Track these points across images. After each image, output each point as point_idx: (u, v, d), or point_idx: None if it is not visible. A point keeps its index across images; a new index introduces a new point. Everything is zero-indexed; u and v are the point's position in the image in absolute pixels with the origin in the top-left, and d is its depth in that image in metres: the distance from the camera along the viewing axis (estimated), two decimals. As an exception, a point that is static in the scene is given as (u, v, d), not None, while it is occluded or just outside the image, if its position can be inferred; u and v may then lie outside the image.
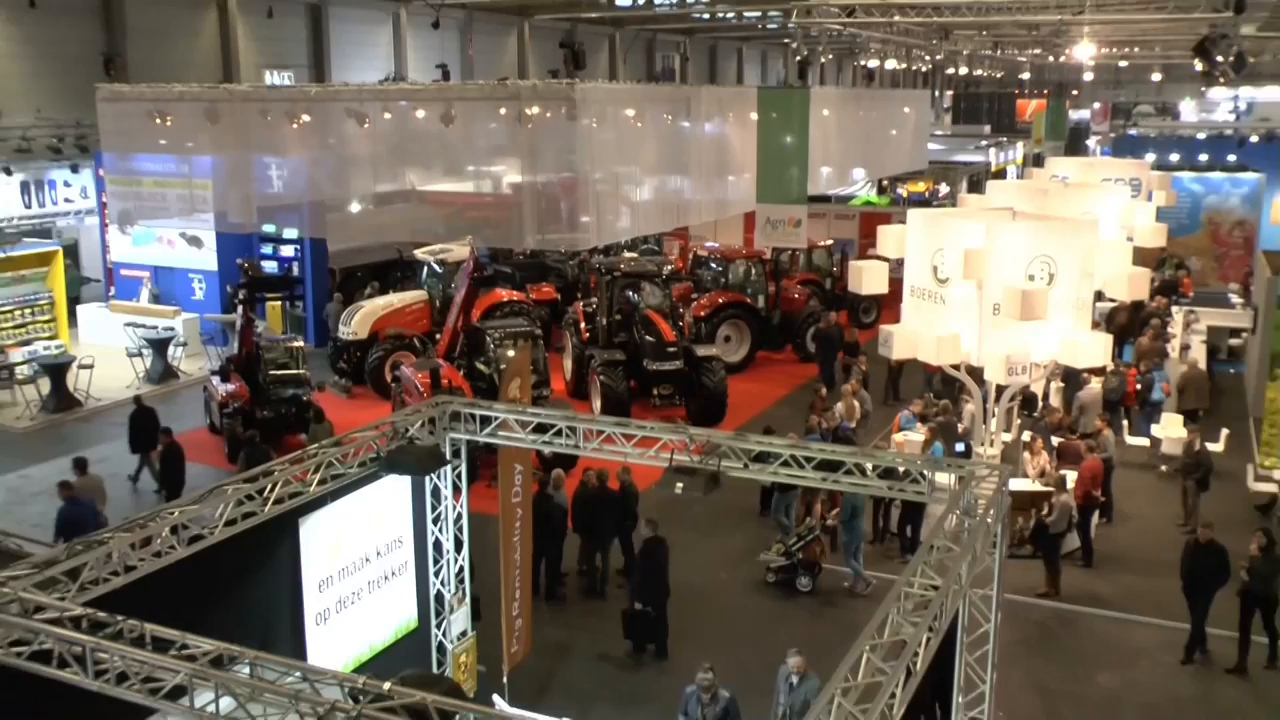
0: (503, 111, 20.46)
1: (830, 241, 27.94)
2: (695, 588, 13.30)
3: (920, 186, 39.35)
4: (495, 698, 10.30)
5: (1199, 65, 22.84)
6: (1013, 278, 12.87)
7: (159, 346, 21.64)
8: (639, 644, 11.79)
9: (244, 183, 23.19)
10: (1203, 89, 60.60)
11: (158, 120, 23.00)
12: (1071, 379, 17.74)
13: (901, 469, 8.37)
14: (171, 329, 22.46)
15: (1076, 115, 63.32)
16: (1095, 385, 17.64)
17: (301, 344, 18.67)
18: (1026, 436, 15.47)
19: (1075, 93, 70.36)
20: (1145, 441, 17.41)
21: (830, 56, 52.99)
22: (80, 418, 19.18)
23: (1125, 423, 17.80)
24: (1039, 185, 19.44)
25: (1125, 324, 20.83)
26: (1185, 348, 19.87)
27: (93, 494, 13.11)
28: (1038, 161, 43.36)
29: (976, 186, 39.23)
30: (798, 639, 10.23)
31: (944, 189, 38.97)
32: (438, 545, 10.04)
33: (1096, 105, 66.17)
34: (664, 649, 11.76)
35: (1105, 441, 15.12)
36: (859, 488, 8.60)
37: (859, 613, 12.46)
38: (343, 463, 8.65)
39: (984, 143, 48.76)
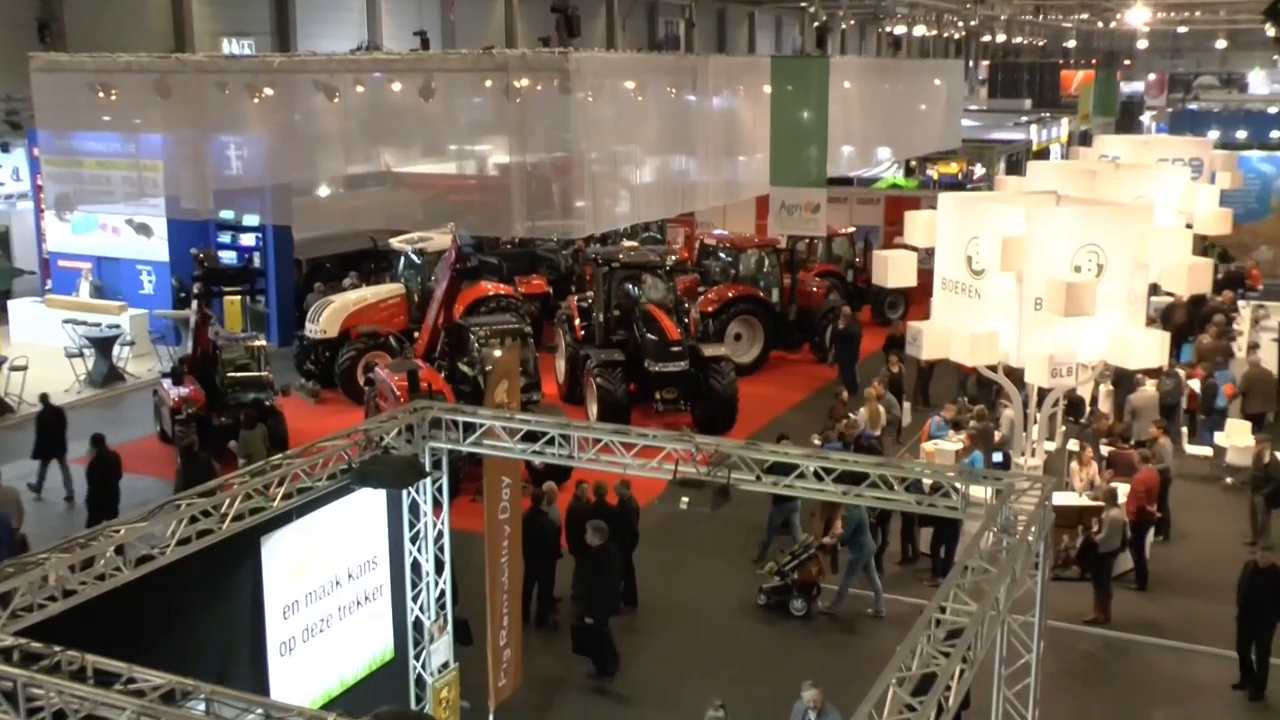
0: (488, 84, 20.43)
1: (852, 229, 27.97)
2: (699, 611, 13.33)
3: (953, 168, 39.36)
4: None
5: (1270, 30, 22.81)
6: (1057, 269, 12.89)
7: (102, 346, 21.67)
8: (600, 664, 11.90)
9: (199, 164, 23.17)
10: (1275, 57, 60.52)
11: (100, 94, 22.95)
12: (1123, 381, 17.76)
13: (932, 482, 8.37)
14: (117, 327, 22.47)
15: (1129, 88, 63.36)
16: (1150, 388, 17.66)
17: (263, 343, 18.70)
18: (1073, 445, 15.47)
19: (1128, 62, 70.35)
20: (1208, 451, 17.42)
21: (852, 22, 53.08)
22: (12, 425, 19.18)
23: (1185, 429, 17.81)
24: (1086, 166, 19.48)
25: (1184, 321, 20.83)
26: (1254, 346, 19.83)
27: (8, 508, 12.95)
28: (1085, 140, 43.44)
29: (1016, 168, 39.23)
30: (811, 669, 10.25)
31: (979, 170, 38.99)
32: (416, 567, 10.04)
33: (1152, 76, 66.20)
34: (609, 667, 11.90)
35: (1162, 450, 15.11)
36: (884, 502, 8.60)
37: (873, 638, 12.48)
38: (310, 475, 8.66)
39: (1024, 119, 48.83)
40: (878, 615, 13.16)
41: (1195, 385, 18.23)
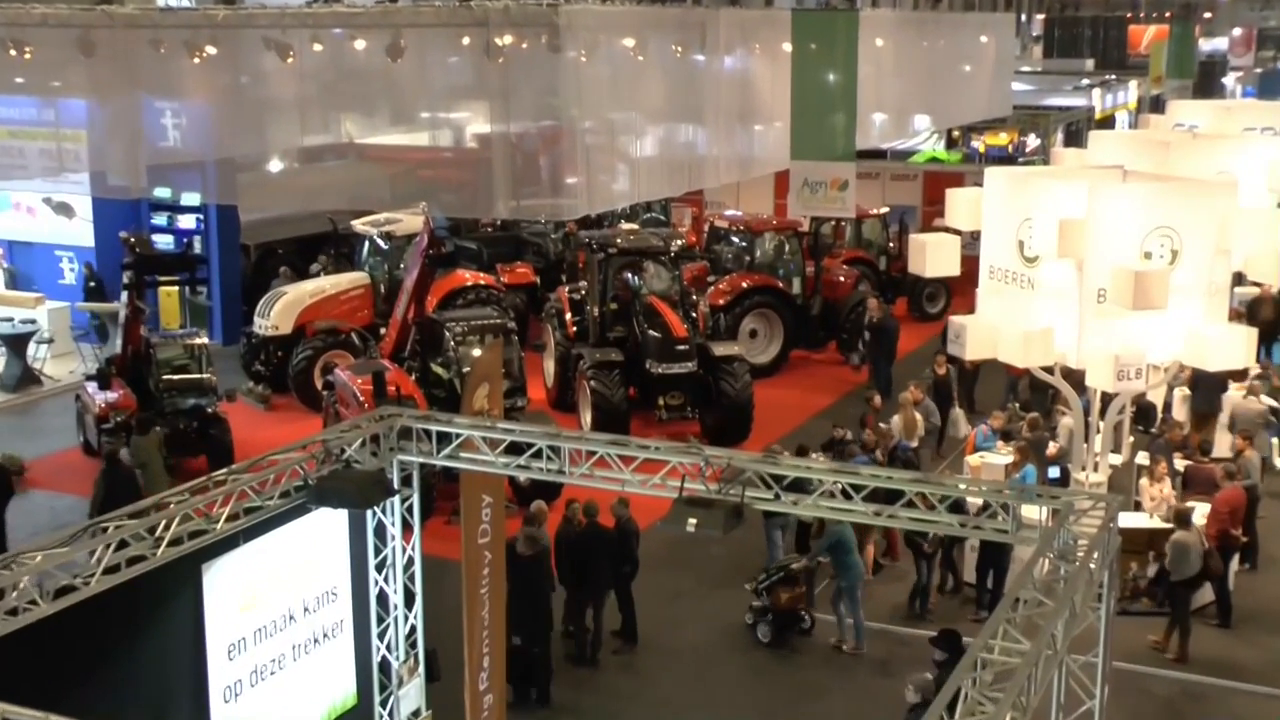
0: (466, 41, 20.40)
1: (885, 209, 27.99)
2: (706, 650, 13.38)
3: (1002, 138, 39.39)
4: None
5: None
6: (1123, 255, 12.90)
7: (15, 344, 21.69)
8: (521, 689, 12.01)
9: (129, 134, 23.12)
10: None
11: (13, 52, 22.84)
12: (1201, 386, 17.77)
13: (978, 500, 8.38)
14: (32, 322, 22.49)
15: (1209, 45, 63.32)
16: (1235, 393, 17.66)
17: (205, 341, 18.75)
18: (1142, 459, 15.48)
19: (1207, 15, 70.21)
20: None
21: (887, -31, 53.01)
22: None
23: (1276, 441, 17.81)
24: (1158, 136, 19.49)
25: (1272, 316, 20.83)
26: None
27: None
28: (1157, 105, 43.47)
29: (1075, 138, 39.28)
30: (833, 717, 10.24)
31: (1033, 142, 39.01)
32: (383, 599, 10.06)
33: (1236, 32, 66.02)
34: (546, 695, 12.01)
35: (1248, 465, 15.12)
36: (924, 524, 8.62)
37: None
38: (259, 493, 8.69)
39: (1085, 82, 48.86)
40: (856, 652, 13.28)
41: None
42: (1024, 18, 61.55)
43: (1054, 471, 14.70)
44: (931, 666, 10.21)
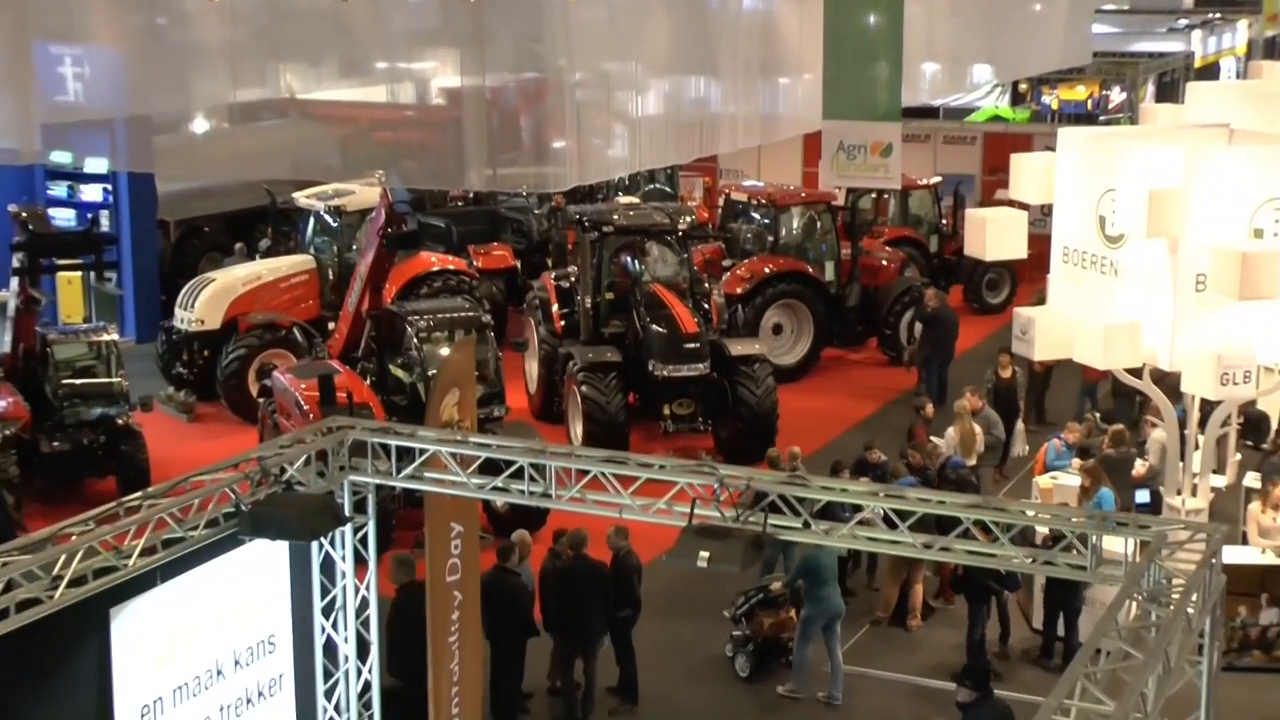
0: (430, -25, 20.44)
1: (937, 179, 27.98)
2: (719, 714, 13.36)
3: (1079, 92, 39.39)
4: None
5: None
6: (1228, 233, 12.88)
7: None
8: None
9: (17, 85, 23.02)
10: None
11: None
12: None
13: (1049, 530, 8.37)
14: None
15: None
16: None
17: (115, 338, 18.73)
18: (1251, 480, 15.45)
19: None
20: None
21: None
22: None
23: None
24: (1272, 88, 19.43)
25: None
26: None
27: None
28: (1271, 50, 43.46)
29: (1170, 91, 39.24)
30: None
31: (1117, 95, 38.99)
32: (331, 650, 10.07)
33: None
34: None
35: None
36: (982, 559, 8.62)
37: None
38: (181, 521, 8.69)
39: (1183, 22, 48.80)
40: (829, 702, 13.37)
41: None
42: (1107, -55, 61.50)
43: (1142, 496, 14.67)
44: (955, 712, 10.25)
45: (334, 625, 10.05)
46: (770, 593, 13.87)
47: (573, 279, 20.76)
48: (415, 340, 17.30)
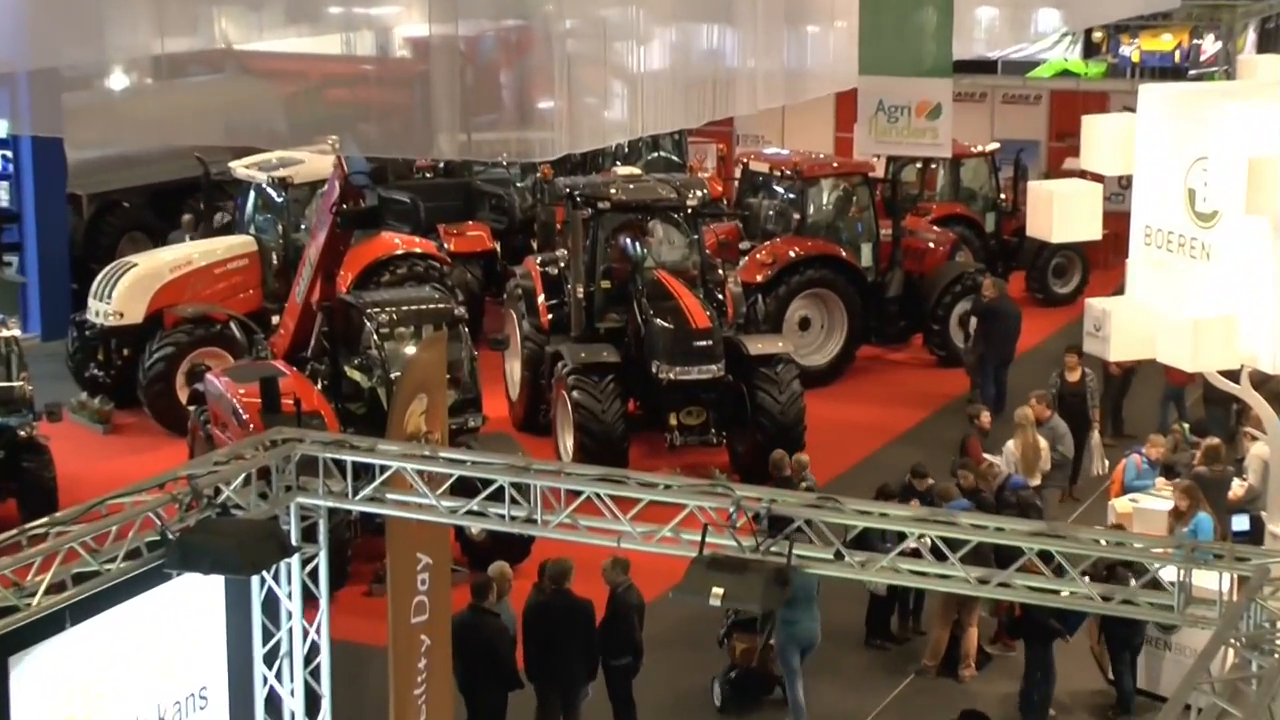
0: (393, -98, 20.43)
1: (995, 146, 27.98)
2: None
3: (1165, 42, 39.33)
4: None
5: None
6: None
7: None
8: None
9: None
10: None
11: None
12: None
13: (1127, 562, 8.36)
14: None
15: None
16: None
17: (17, 333, 18.76)
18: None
19: None
20: None
21: None
22: None
23: None
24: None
25: None
26: None
27: None
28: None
29: (1273, 40, 39.20)
30: None
31: (1210, 45, 38.93)
32: (275, 704, 10.07)
33: None
34: None
35: None
36: (1047, 597, 8.60)
37: None
38: (96, 552, 8.66)
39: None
40: None
41: None
42: None
43: (1240, 522, 14.67)
44: None
45: (278, 675, 10.03)
46: (744, 614, 13.87)
47: (562, 264, 20.78)
48: (375, 337, 17.30)
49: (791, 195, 24.42)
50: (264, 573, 9.66)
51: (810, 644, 13.77)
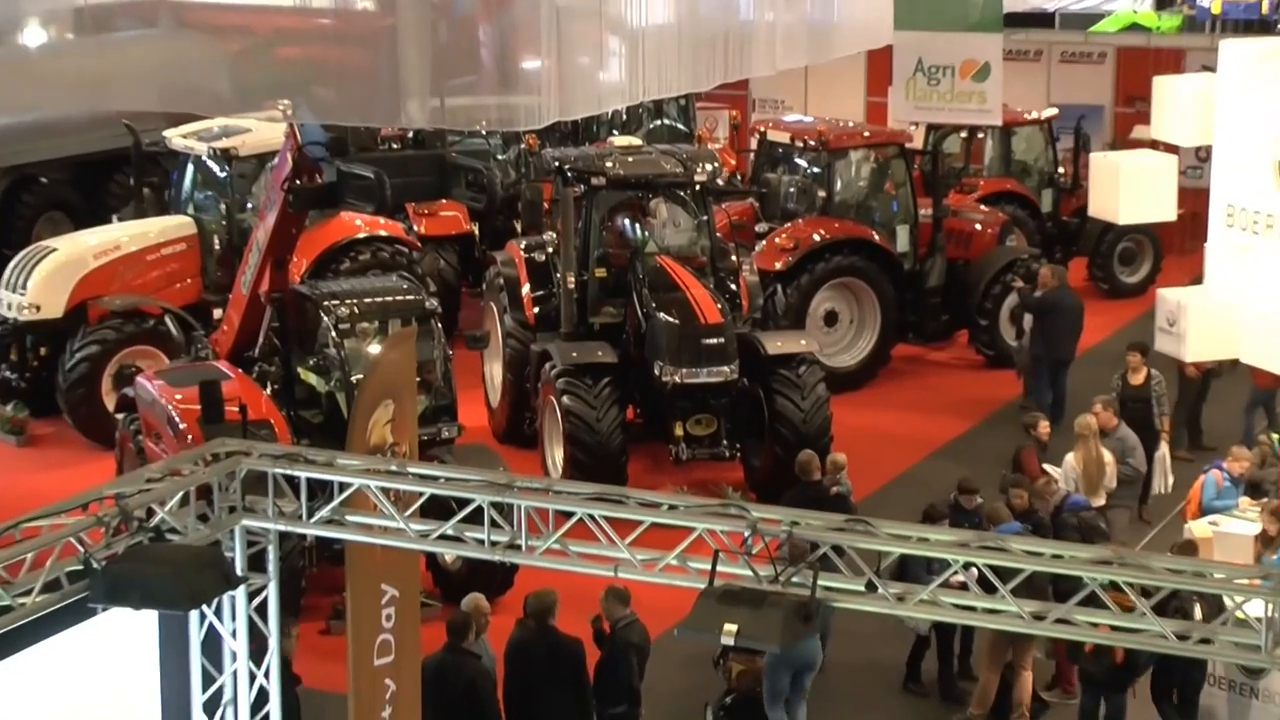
0: None
1: (1052, 112, 28.00)
2: None
3: (1250, -10, 39.30)
4: None
5: None
6: None
7: None
8: None
9: None
10: None
11: None
12: None
13: (1205, 596, 8.35)
14: None
15: None
16: None
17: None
18: None
19: None
20: None
21: None
22: None
23: None
24: None
25: None
26: None
27: None
28: None
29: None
30: None
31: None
32: (214, 760, 10.04)
33: None
34: None
35: None
36: (1114, 636, 8.58)
37: None
38: (9, 584, 8.65)
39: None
40: None
41: None
42: None
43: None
44: None
45: (223, 725, 10.04)
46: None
47: (550, 250, 20.78)
48: (333, 333, 17.27)
49: (816, 170, 24.42)
50: (204, 607, 9.60)
51: (807, 665, 13.80)
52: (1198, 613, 10.89)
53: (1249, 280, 13.78)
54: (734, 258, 21.10)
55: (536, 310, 20.55)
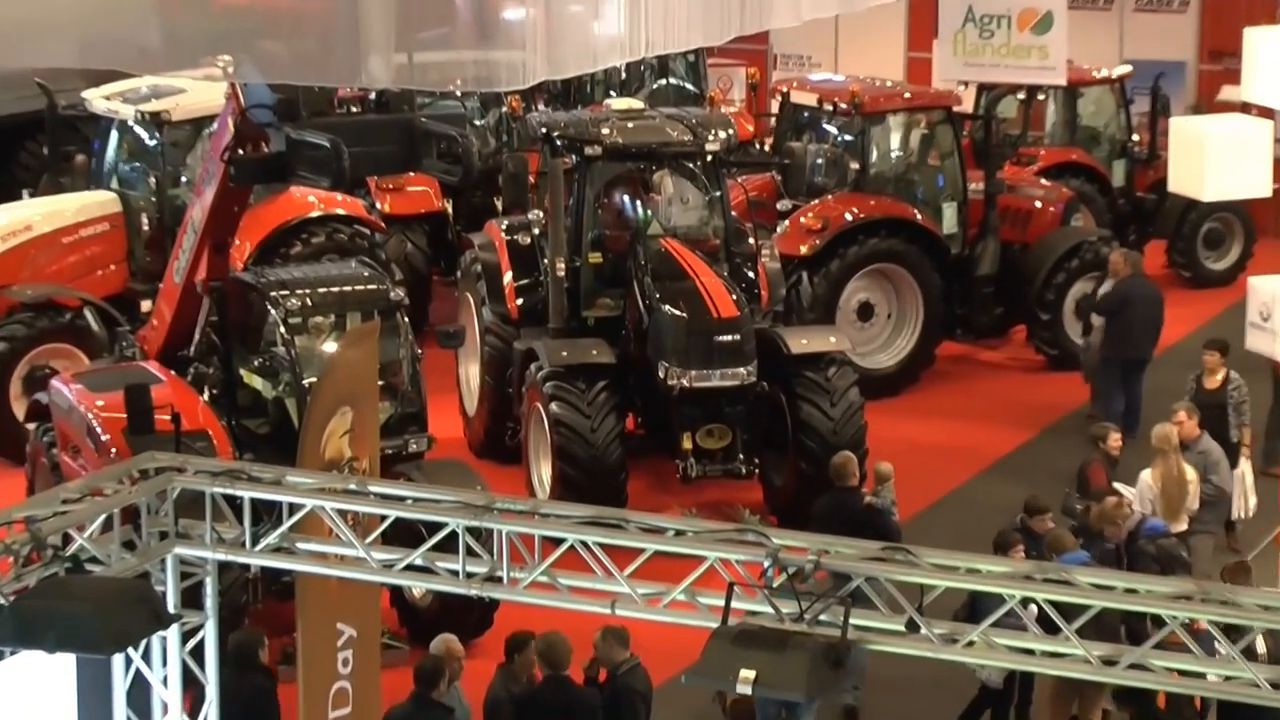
0: None
1: (1125, 70, 28.03)
2: None
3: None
4: None
5: None
6: None
7: None
8: None
9: None
10: None
11: None
12: None
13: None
14: None
15: None
16: None
17: None
18: None
19: None
20: None
21: None
22: None
23: None
24: None
25: None
26: None
27: None
28: None
29: None
30: None
31: None
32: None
33: None
34: None
35: None
36: (1196, 684, 8.55)
37: None
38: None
39: None
40: None
41: None
42: None
43: None
44: None
45: (151, 788, 10.03)
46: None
47: (536, 231, 20.78)
48: (282, 329, 17.31)
49: (848, 137, 24.54)
50: (130, 650, 9.61)
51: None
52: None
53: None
54: (752, 240, 21.16)
55: (520, 302, 20.57)
